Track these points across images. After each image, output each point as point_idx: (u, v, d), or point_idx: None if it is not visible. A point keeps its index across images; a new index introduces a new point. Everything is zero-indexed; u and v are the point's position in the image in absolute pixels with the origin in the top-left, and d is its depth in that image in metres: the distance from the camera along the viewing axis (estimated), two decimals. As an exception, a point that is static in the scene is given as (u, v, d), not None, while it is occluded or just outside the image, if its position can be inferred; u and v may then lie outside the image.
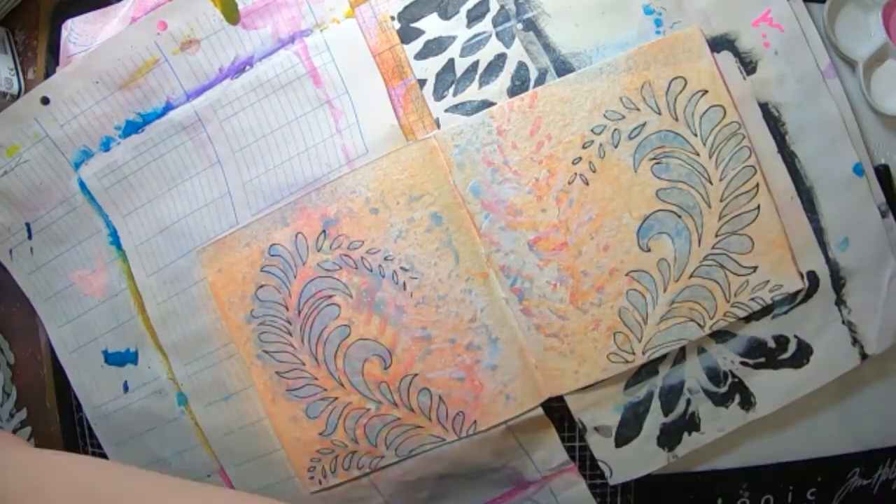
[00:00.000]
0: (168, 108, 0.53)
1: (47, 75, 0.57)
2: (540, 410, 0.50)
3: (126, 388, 0.56)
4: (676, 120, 0.48)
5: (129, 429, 0.57)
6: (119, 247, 0.55)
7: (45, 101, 0.53)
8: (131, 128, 0.53)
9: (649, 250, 0.49)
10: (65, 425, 0.61)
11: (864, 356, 0.50)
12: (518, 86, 0.50)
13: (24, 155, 0.54)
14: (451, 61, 0.50)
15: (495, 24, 0.50)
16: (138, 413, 0.56)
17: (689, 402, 0.50)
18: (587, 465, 0.52)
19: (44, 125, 0.54)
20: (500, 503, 0.53)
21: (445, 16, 0.50)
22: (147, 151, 0.53)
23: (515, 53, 0.50)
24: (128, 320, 0.55)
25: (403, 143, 0.50)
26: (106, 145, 0.54)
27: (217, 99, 0.52)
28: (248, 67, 0.52)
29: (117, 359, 0.56)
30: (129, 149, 0.53)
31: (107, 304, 0.56)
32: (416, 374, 0.50)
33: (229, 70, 0.52)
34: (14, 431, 0.62)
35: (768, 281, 0.49)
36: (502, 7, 0.50)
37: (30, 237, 0.56)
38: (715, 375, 0.50)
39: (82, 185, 0.54)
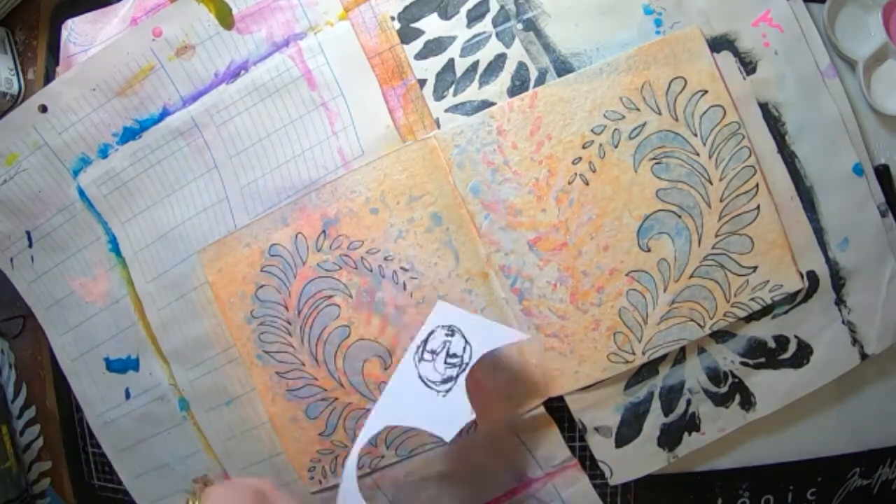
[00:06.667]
0: (165, 113, 0.53)
1: (47, 75, 0.57)
2: (542, 408, 0.51)
3: (128, 395, 0.57)
4: (676, 120, 0.48)
5: (132, 435, 0.57)
6: (119, 254, 0.55)
7: (43, 109, 0.53)
8: (129, 134, 0.53)
9: (649, 250, 0.49)
10: (65, 425, 0.61)
11: (864, 356, 0.50)
12: (518, 86, 0.50)
13: (24, 163, 0.55)
14: (451, 61, 0.50)
15: (495, 24, 0.50)
16: (141, 419, 0.57)
17: (689, 402, 0.50)
18: (587, 465, 0.52)
19: (42, 133, 0.54)
20: (504, 501, 0.53)
21: (445, 16, 0.50)
22: (145, 158, 0.53)
23: (515, 53, 0.50)
24: (128, 327, 0.55)
25: (399, 144, 0.50)
26: (104, 152, 0.54)
27: (213, 104, 0.52)
28: (243, 72, 0.52)
29: (119, 366, 0.56)
30: (127, 155, 0.53)
31: (107, 311, 0.56)
32: (416, 375, 0.50)
33: (225, 75, 0.52)
34: (23, 430, 0.62)
35: (768, 281, 0.49)
36: (502, 7, 0.50)
37: (30, 245, 0.57)
38: (715, 375, 0.50)
39: (81, 192, 0.54)
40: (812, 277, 0.49)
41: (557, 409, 0.51)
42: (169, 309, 0.54)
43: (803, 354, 0.50)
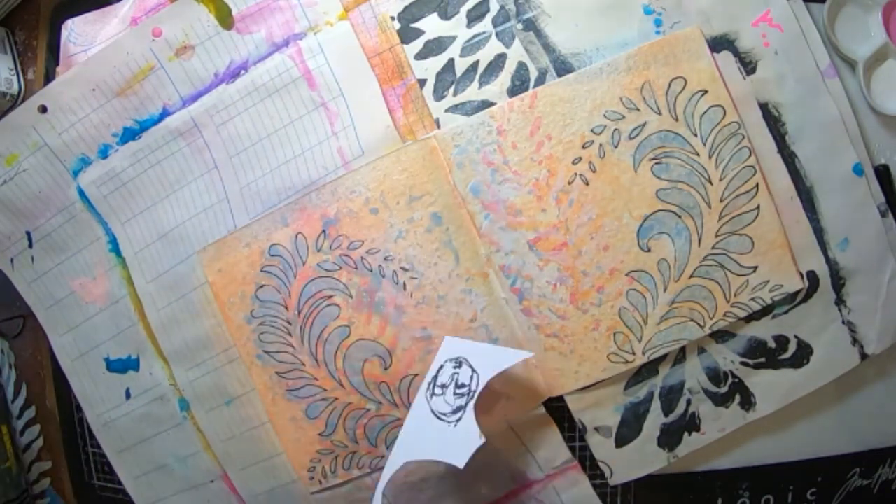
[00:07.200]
0: (165, 114, 0.53)
1: (47, 75, 0.57)
2: (542, 408, 0.51)
3: (128, 395, 0.57)
4: (676, 120, 0.48)
5: (132, 436, 0.57)
6: (119, 254, 0.55)
7: (43, 109, 0.53)
8: (129, 135, 0.53)
9: (649, 250, 0.49)
10: (65, 425, 0.61)
11: (864, 356, 0.50)
12: (518, 86, 0.50)
13: (24, 164, 0.55)
14: (451, 61, 0.50)
15: (495, 24, 0.50)
16: (140, 420, 0.57)
17: (689, 402, 0.50)
18: (587, 465, 0.52)
19: (42, 133, 0.54)
20: (505, 503, 0.53)
21: (445, 16, 0.50)
22: (144, 158, 0.53)
23: (515, 53, 0.50)
24: (129, 327, 0.55)
25: (399, 144, 0.50)
26: (104, 153, 0.54)
27: (213, 104, 0.52)
28: (242, 72, 0.52)
29: (119, 366, 0.56)
30: (127, 156, 0.53)
31: (108, 311, 0.56)
32: (416, 375, 0.50)
33: (224, 75, 0.52)
34: (23, 430, 0.62)
35: (768, 281, 0.49)
36: (502, 7, 0.50)
37: (31, 246, 0.57)
38: (715, 375, 0.50)
39: (81, 192, 0.54)
40: (812, 277, 0.49)
41: (557, 409, 0.51)
42: (169, 309, 0.54)
43: (803, 354, 0.50)
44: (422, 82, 0.50)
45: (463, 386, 0.46)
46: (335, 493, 0.53)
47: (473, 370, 0.46)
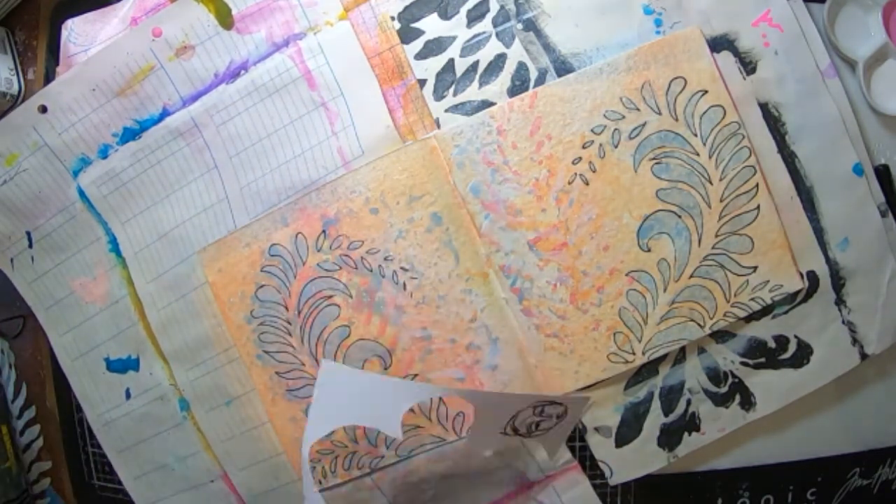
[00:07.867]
0: (165, 114, 0.53)
1: (47, 75, 0.57)
2: (541, 409, 0.51)
3: (128, 395, 0.57)
4: (676, 120, 0.48)
5: (132, 435, 0.57)
6: (119, 254, 0.55)
7: (43, 109, 0.53)
8: (129, 135, 0.53)
9: (649, 250, 0.49)
10: (65, 425, 0.61)
11: (864, 356, 0.50)
12: (518, 86, 0.50)
13: (24, 164, 0.54)
14: (451, 61, 0.50)
15: (495, 24, 0.50)
16: (140, 419, 0.57)
17: (689, 402, 0.50)
18: (587, 465, 0.52)
19: (42, 133, 0.54)
20: (505, 503, 0.53)
21: (445, 16, 0.50)
22: (144, 158, 0.53)
23: (515, 53, 0.50)
24: (129, 327, 0.55)
25: (399, 144, 0.50)
26: (104, 153, 0.54)
27: (213, 104, 0.52)
28: (243, 72, 0.52)
29: (119, 366, 0.56)
30: (127, 156, 0.53)
31: (108, 311, 0.56)
32: (416, 375, 0.50)
33: (225, 75, 0.52)
34: (23, 430, 0.62)
35: (768, 281, 0.49)
36: (502, 7, 0.50)
37: (30, 246, 0.57)
38: (715, 375, 0.50)
39: (81, 192, 0.54)
40: (812, 277, 0.49)
41: (557, 410, 0.51)
42: (169, 309, 0.54)
43: (803, 354, 0.50)
44: (422, 82, 0.50)
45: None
46: (335, 493, 0.53)
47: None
